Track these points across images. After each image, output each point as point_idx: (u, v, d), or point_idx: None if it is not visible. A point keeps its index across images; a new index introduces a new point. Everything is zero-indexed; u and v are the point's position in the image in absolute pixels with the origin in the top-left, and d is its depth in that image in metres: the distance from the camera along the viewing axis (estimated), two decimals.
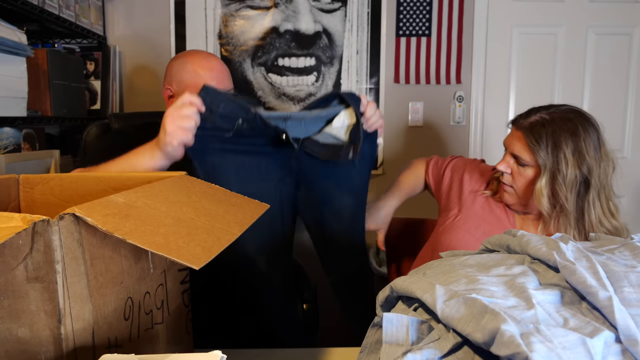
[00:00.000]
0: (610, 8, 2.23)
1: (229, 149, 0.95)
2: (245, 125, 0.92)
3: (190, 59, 1.18)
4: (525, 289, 0.44)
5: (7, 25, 1.36)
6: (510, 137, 1.07)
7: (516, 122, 1.06)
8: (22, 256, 0.42)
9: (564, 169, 0.97)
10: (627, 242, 0.55)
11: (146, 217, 0.49)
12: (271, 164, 1.01)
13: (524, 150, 1.01)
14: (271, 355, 0.79)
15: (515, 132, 1.05)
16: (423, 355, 0.40)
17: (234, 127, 0.93)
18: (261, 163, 1.00)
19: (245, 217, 0.62)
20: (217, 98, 0.89)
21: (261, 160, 1.00)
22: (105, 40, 2.14)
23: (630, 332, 0.37)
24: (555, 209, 1.01)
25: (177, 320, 0.65)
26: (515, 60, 2.27)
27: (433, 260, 0.62)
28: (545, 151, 0.98)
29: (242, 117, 0.92)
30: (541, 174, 0.99)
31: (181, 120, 0.86)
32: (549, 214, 1.01)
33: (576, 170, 0.97)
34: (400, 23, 2.20)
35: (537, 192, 0.99)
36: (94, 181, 0.73)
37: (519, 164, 1.03)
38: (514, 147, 1.04)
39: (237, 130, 0.93)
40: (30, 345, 0.44)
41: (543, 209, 1.00)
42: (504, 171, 1.06)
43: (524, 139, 1.01)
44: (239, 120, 0.92)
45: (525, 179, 1.03)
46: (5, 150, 1.46)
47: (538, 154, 0.99)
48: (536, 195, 0.99)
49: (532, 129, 1.01)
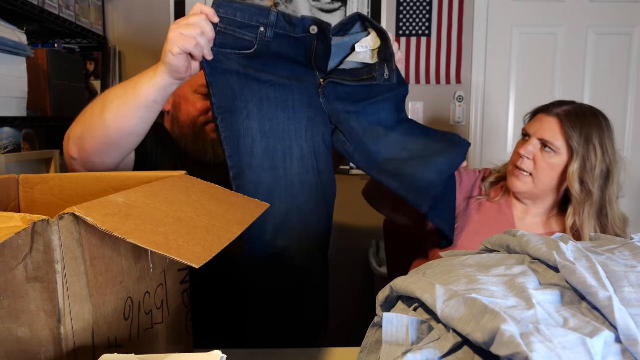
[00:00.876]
0: (610, 8, 2.23)
1: (250, 75, 0.85)
2: (269, 34, 0.83)
3: None
4: (525, 289, 0.44)
5: (7, 25, 1.36)
6: (539, 123, 1.07)
7: (547, 109, 1.09)
8: (22, 256, 0.42)
9: (593, 158, 1.01)
10: (627, 242, 0.55)
11: (146, 217, 0.49)
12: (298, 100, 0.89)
13: (558, 135, 1.03)
14: (271, 355, 0.79)
15: (545, 118, 1.07)
16: (423, 355, 0.40)
17: (256, 39, 0.83)
18: (287, 98, 0.88)
19: (245, 216, 0.62)
20: (232, 7, 0.80)
21: (287, 94, 0.88)
22: (105, 40, 2.14)
23: (630, 332, 0.37)
24: (583, 194, 1.03)
25: (177, 320, 0.65)
26: (515, 60, 2.27)
27: (433, 260, 0.62)
28: (579, 138, 1.01)
29: (264, 23, 0.82)
30: (573, 159, 1.01)
31: (185, 28, 0.76)
32: (578, 199, 1.03)
33: (602, 164, 1.02)
34: (400, 23, 2.20)
35: (570, 176, 1.02)
36: (93, 181, 0.73)
37: (545, 150, 1.05)
38: (544, 132, 1.05)
39: (260, 43, 0.83)
40: (30, 345, 0.44)
41: (575, 192, 1.03)
42: (525, 156, 1.06)
43: (559, 124, 1.04)
44: (260, 28, 0.82)
45: (549, 166, 1.05)
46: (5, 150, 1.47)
47: (572, 140, 1.02)
48: (569, 179, 1.02)
49: (567, 116, 1.04)
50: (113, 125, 0.82)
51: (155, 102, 0.82)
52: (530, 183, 1.07)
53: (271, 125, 0.87)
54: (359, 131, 0.96)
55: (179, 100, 1.16)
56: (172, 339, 0.64)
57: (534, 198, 1.10)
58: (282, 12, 0.84)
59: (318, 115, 0.92)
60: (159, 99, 0.82)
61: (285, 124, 0.88)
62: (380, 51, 0.93)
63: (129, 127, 0.83)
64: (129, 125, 0.82)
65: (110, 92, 0.85)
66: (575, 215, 1.06)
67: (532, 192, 1.08)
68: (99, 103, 0.85)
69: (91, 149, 0.85)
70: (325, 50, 0.89)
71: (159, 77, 0.80)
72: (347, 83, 0.93)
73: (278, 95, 0.88)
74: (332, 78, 0.92)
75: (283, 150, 0.88)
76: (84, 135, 0.85)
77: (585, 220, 1.04)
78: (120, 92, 0.83)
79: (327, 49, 0.89)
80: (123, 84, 0.84)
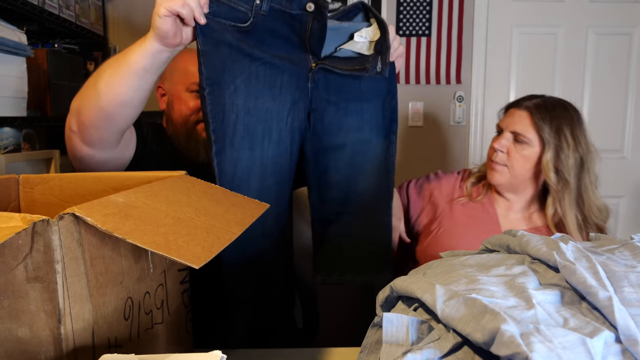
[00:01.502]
0: (610, 8, 2.23)
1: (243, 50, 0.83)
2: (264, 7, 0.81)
3: (180, 56, 1.17)
4: (525, 289, 0.44)
5: (7, 25, 1.36)
6: (510, 117, 1.12)
7: (518, 103, 1.12)
8: (22, 256, 0.42)
9: (566, 148, 1.05)
10: (627, 242, 0.55)
11: (146, 217, 0.49)
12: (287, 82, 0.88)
13: (529, 127, 1.07)
14: (271, 355, 0.79)
15: (517, 111, 1.11)
16: (423, 355, 0.40)
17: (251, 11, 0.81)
18: (276, 78, 0.86)
19: (245, 216, 0.62)
20: None
21: (277, 75, 0.86)
22: (105, 40, 2.14)
23: (630, 332, 0.37)
24: (560, 184, 1.06)
25: (177, 320, 0.65)
26: (515, 60, 2.27)
27: (433, 260, 0.62)
28: (550, 130, 1.05)
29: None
30: (546, 149, 1.05)
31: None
32: (555, 189, 1.06)
33: (575, 153, 1.06)
34: (400, 23, 2.20)
35: (545, 166, 1.05)
36: (93, 181, 0.73)
37: (518, 142, 1.08)
38: (516, 125, 1.09)
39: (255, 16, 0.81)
40: (30, 345, 0.44)
41: (551, 182, 1.06)
42: (499, 149, 1.10)
43: (530, 117, 1.07)
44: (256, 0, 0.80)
45: (523, 157, 1.08)
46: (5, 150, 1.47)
47: (543, 131, 1.05)
48: (544, 169, 1.06)
49: (537, 108, 1.08)
50: (105, 94, 0.81)
51: (145, 69, 0.80)
52: (507, 174, 1.10)
53: (255, 103, 0.86)
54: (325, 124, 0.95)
55: (172, 99, 1.16)
56: (172, 339, 0.64)
57: (514, 189, 1.13)
58: None
59: (302, 99, 0.91)
60: (148, 67, 0.80)
61: (269, 104, 0.87)
62: (377, 43, 0.92)
63: (121, 96, 0.81)
64: (120, 94, 0.81)
65: (105, 62, 0.85)
66: (555, 204, 1.08)
67: (510, 183, 1.11)
68: (94, 74, 0.85)
69: (88, 121, 0.85)
70: (321, 29, 0.88)
71: (148, 43, 0.78)
72: (338, 71, 0.91)
73: (267, 74, 0.86)
74: (324, 64, 0.91)
75: (262, 130, 0.87)
76: (81, 107, 0.85)
77: (567, 210, 1.07)
78: (112, 61, 0.82)
79: (322, 29, 0.88)
80: (117, 54, 0.84)
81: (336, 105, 0.95)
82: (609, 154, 2.30)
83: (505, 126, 1.12)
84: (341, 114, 0.96)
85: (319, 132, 0.95)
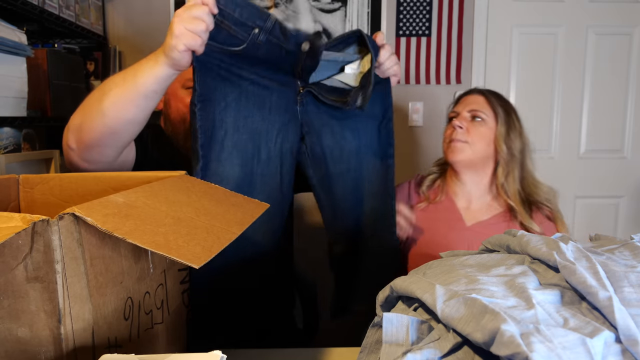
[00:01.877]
0: (610, 8, 2.23)
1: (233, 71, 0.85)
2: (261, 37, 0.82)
3: None
4: (525, 289, 0.44)
5: (7, 25, 1.36)
6: (465, 102, 1.23)
7: (470, 92, 1.26)
8: (22, 256, 0.42)
9: (514, 129, 1.18)
10: (627, 242, 0.55)
11: (146, 217, 0.49)
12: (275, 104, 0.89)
13: (485, 105, 1.19)
14: (271, 355, 0.79)
15: (471, 97, 1.23)
16: (423, 355, 0.40)
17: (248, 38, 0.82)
18: (265, 99, 0.88)
19: (245, 216, 0.62)
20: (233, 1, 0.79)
21: (265, 96, 0.88)
22: (105, 40, 2.14)
23: (630, 332, 0.37)
24: (508, 156, 1.18)
25: (177, 320, 0.65)
26: (515, 60, 2.27)
27: (433, 260, 0.62)
28: (501, 109, 1.19)
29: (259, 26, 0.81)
30: (499, 124, 1.17)
31: (190, 22, 0.74)
32: (505, 161, 1.17)
33: (521, 137, 1.19)
34: (400, 23, 2.20)
35: (498, 137, 1.17)
36: (93, 181, 0.73)
37: (475, 119, 1.19)
38: (472, 105, 1.20)
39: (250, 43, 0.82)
40: (30, 345, 0.44)
41: (502, 152, 1.17)
42: (458, 125, 1.18)
43: (484, 98, 1.20)
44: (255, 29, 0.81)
45: (480, 133, 1.18)
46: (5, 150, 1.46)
47: (497, 108, 1.19)
48: (497, 141, 1.17)
49: (490, 93, 1.22)
50: (111, 113, 0.81)
51: (155, 92, 0.82)
52: (468, 150, 1.17)
53: (245, 122, 0.87)
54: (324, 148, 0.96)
55: (168, 97, 1.16)
56: (172, 339, 0.64)
57: (474, 167, 1.20)
58: (280, 22, 0.83)
59: (292, 121, 0.93)
60: (158, 89, 0.82)
61: (258, 124, 0.88)
62: (364, 77, 0.93)
63: (127, 116, 0.82)
64: (127, 113, 0.82)
65: (110, 80, 0.84)
66: (504, 173, 1.18)
67: (470, 159, 1.18)
68: (97, 92, 0.84)
69: (89, 139, 0.84)
70: (312, 66, 0.89)
71: (160, 68, 0.79)
72: (323, 99, 0.93)
73: (257, 94, 0.88)
74: (311, 88, 0.92)
75: (252, 149, 0.89)
76: (83, 125, 0.84)
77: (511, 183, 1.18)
78: (119, 80, 0.82)
79: (314, 66, 0.89)
80: (122, 72, 0.84)
81: (331, 128, 0.96)
82: (609, 154, 2.30)
83: (462, 108, 1.21)
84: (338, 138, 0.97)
85: (319, 157, 0.96)
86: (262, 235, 0.93)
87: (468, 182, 1.21)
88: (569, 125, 2.29)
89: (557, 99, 2.27)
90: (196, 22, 0.75)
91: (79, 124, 0.85)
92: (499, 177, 1.18)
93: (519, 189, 1.17)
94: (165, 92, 1.16)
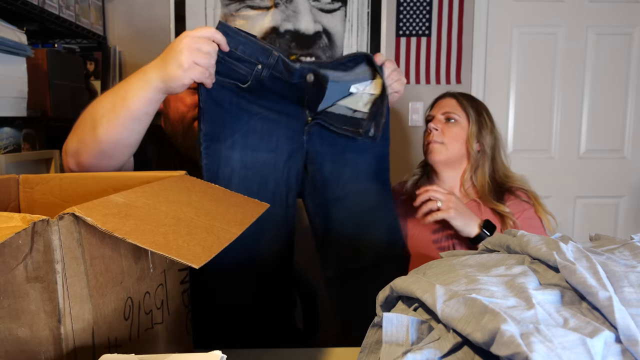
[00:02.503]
0: (610, 8, 2.23)
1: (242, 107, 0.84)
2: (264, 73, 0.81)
3: None
4: (525, 289, 0.44)
5: (7, 25, 1.36)
6: (439, 105, 1.31)
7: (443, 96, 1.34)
8: (22, 256, 0.42)
9: (485, 126, 1.27)
10: (627, 242, 0.55)
11: (146, 217, 0.49)
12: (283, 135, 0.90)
13: (457, 108, 1.28)
14: (271, 355, 0.79)
15: (444, 100, 1.31)
16: (423, 355, 0.40)
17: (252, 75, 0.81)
18: (273, 132, 0.88)
19: (245, 216, 0.62)
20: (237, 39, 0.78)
21: (274, 129, 0.88)
22: (105, 40, 2.14)
23: (630, 332, 0.37)
24: (479, 154, 1.27)
25: (177, 320, 0.65)
26: (515, 60, 2.27)
27: (433, 260, 0.62)
28: (473, 110, 1.28)
29: (262, 62, 0.80)
30: (470, 123, 1.26)
31: (199, 56, 0.73)
32: (475, 158, 1.26)
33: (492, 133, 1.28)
34: (400, 23, 2.20)
35: (470, 136, 1.26)
36: (93, 181, 0.73)
37: (449, 121, 1.27)
38: (445, 108, 1.29)
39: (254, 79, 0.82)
40: (30, 345, 0.44)
41: (472, 150, 1.26)
42: (434, 127, 1.26)
43: (456, 101, 1.29)
44: (258, 66, 0.81)
45: (454, 134, 1.26)
46: (5, 150, 1.46)
47: (468, 109, 1.27)
48: (469, 139, 1.26)
49: (462, 95, 1.31)
50: (105, 139, 0.81)
51: (147, 113, 0.81)
52: (444, 150, 1.26)
53: (252, 156, 0.87)
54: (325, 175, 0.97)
55: (168, 97, 1.16)
56: (172, 339, 0.64)
57: (451, 165, 1.28)
58: (283, 57, 0.83)
59: (298, 151, 0.93)
60: (149, 111, 0.81)
61: (266, 157, 0.89)
62: (374, 104, 0.92)
63: (122, 140, 0.82)
64: (121, 138, 0.81)
65: (99, 103, 0.83)
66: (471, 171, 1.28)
67: (448, 158, 1.26)
68: (89, 116, 0.83)
69: (89, 163, 0.85)
70: (319, 97, 0.89)
71: (151, 92, 0.77)
72: (333, 129, 0.92)
73: (265, 129, 0.88)
74: (319, 119, 0.91)
75: (259, 180, 0.89)
76: (80, 150, 0.84)
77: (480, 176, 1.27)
78: (108, 104, 0.80)
79: (320, 96, 0.89)
80: (111, 93, 0.82)
81: (332, 157, 0.97)
82: (609, 154, 2.30)
83: (437, 111, 1.30)
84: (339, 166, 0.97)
85: (319, 185, 0.97)
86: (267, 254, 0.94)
87: (446, 178, 1.30)
88: (569, 125, 2.29)
89: (557, 99, 2.27)
90: (206, 57, 0.74)
91: (76, 150, 0.85)
92: (467, 171, 1.29)
93: (488, 180, 1.27)
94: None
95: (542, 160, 2.27)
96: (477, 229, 1.10)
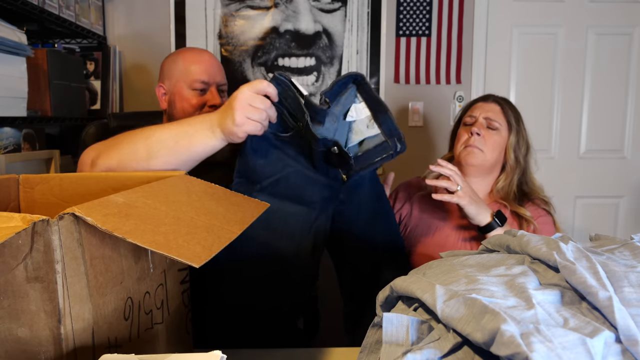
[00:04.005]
0: (610, 8, 2.23)
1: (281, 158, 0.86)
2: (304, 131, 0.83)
3: (182, 55, 1.17)
4: (525, 289, 0.44)
5: (7, 25, 1.36)
6: (480, 108, 1.27)
7: (484, 99, 1.31)
8: (22, 256, 0.42)
9: (522, 135, 1.26)
10: (627, 242, 0.55)
11: (146, 217, 0.49)
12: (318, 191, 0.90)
13: (500, 115, 1.25)
14: (271, 355, 0.79)
15: (486, 104, 1.28)
16: (423, 355, 0.40)
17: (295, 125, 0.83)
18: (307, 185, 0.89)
19: (245, 216, 0.62)
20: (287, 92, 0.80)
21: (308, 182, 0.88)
22: (105, 40, 2.14)
23: (630, 332, 0.37)
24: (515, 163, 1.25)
25: (177, 320, 0.65)
26: (515, 60, 2.27)
27: (433, 260, 0.62)
28: (513, 119, 1.25)
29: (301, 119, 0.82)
30: (511, 133, 1.24)
31: (252, 112, 0.78)
32: (511, 168, 1.25)
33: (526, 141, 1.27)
34: (400, 23, 2.20)
35: (509, 147, 1.24)
36: (93, 181, 0.73)
37: (490, 128, 1.24)
38: (488, 113, 1.25)
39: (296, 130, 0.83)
40: (30, 345, 0.44)
41: (510, 161, 1.24)
42: (478, 132, 1.23)
43: (499, 107, 1.26)
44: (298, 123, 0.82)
45: (494, 142, 1.24)
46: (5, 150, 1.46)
47: (510, 118, 1.25)
48: (508, 149, 1.24)
49: (504, 101, 1.28)
50: (157, 168, 0.85)
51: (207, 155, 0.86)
52: (482, 156, 1.23)
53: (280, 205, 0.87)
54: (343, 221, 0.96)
55: (173, 97, 1.16)
56: (172, 339, 0.64)
57: (484, 172, 1.26)
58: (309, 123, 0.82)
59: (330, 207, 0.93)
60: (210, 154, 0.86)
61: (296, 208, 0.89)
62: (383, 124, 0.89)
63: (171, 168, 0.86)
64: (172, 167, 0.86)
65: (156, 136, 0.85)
66: (506, 180, 1.26)
67: (483, 164, 1.24)
68: (142, 145, 0.85)
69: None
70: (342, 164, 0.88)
71: (218, 142, 0.83)
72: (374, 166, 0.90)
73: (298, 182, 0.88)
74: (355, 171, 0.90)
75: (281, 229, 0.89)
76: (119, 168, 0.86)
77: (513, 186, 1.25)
78: (170, 141, 0.84)
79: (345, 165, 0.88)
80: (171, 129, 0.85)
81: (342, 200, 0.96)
82: (609, 154, 2.30)
83: (479, 114, 1.26)
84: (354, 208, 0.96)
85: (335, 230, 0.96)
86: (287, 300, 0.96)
87: (473, 183, 1.24)
88: (569, 125, 2.29)
89: (557, 99, 2.27)
90: (259, 112, 0.78)
91: (114, 168, 0.86)
92: (500, 181, 1.26)
93: (514, 190, 1.25)
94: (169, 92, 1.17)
95: (542, 160, 2.26)
96: (489, 217, 1.09)
